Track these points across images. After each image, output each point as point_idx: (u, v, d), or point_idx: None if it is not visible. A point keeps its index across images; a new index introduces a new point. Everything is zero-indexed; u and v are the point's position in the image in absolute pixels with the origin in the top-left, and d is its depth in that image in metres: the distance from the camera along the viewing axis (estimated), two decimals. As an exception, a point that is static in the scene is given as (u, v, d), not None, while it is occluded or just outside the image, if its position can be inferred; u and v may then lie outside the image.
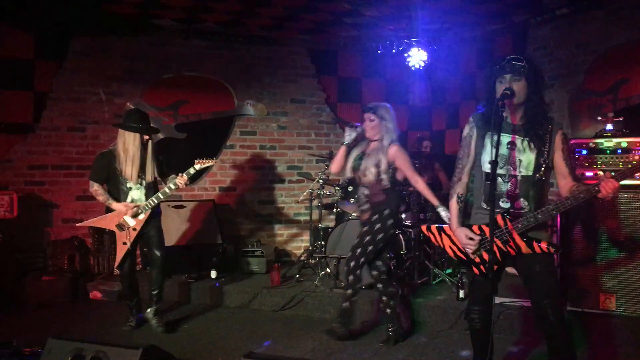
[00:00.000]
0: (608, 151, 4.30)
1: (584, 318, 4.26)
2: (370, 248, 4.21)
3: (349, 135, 4.32)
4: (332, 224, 6.59)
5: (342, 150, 4.36)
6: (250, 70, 7.32)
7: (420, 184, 4.23)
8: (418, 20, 6.25)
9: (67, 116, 6.58)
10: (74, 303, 5.79)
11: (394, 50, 7.10)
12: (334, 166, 4.45)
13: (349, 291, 4.31)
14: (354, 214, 5.89)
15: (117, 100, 6.78)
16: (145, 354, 2.92)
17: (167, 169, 4.97)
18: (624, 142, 4.26)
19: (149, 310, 4.86)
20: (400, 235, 5.68)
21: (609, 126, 4.45)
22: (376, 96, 7.84)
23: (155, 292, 4.84)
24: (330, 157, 6.29)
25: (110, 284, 6.04)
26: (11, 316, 5.30)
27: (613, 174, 2.66)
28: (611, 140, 4.29)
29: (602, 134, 4.41)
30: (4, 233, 5.73)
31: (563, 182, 2.93)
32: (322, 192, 6.09)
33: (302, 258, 6.52)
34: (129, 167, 4.65)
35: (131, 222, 4.68)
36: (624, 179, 2.68)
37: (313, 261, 6.25)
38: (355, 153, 4.34)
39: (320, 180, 6.06)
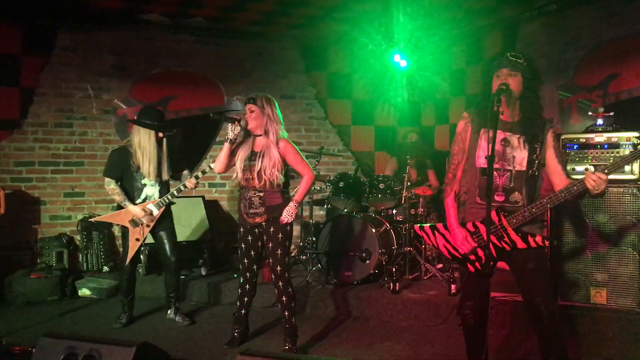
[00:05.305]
0: (598, 146, 4.33)
1: (575, 312, 4.29)
2: (286, 258, 4.13)
3: (232, 131, 4.03)
4: (322, 220, 6.58)
5: (227, 148, 4.06)
6: (240, 66, 7.27)
7: (305, 180, 4.19)
8: (407, 15, 6.24)
9: (54, 112, 6.50)
10: (62, 301, 5.72)
11: (382, 47, 7.08)
12: (218, 165, 4.15)
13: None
14: (345, 210, 5.89)
15: (104, 96, 6.71)
16: (140, 352, 2.88)
17: (184, 166, 5.06)
18: (614, 137, 4.29)
19: (169, 311, 5.02)
20: (392, 231, 5.69)
21: (599, 121, 4.47)
22: (365, 92, 7.84)
23: (172, 295, 4.99)
24: (321, 153, 6.27)
25: (99, 281, 5.99)
26: (-1, 315, 5.24)
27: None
28: (602, 135, 4.31)
29: (593, 129, 4.43)
30: (-10, 230, 5.66)
31: (557, 180, 2.98)
32: (312, 188, 6.06)
33: (293, 254, 6.50)
34: (146, 164, 4.66)
35: (154, 210, 4.75)
36: (612, 172, 2.77)
37: (304, 257, 6.23)
38: (242, 153, 4.11)
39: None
